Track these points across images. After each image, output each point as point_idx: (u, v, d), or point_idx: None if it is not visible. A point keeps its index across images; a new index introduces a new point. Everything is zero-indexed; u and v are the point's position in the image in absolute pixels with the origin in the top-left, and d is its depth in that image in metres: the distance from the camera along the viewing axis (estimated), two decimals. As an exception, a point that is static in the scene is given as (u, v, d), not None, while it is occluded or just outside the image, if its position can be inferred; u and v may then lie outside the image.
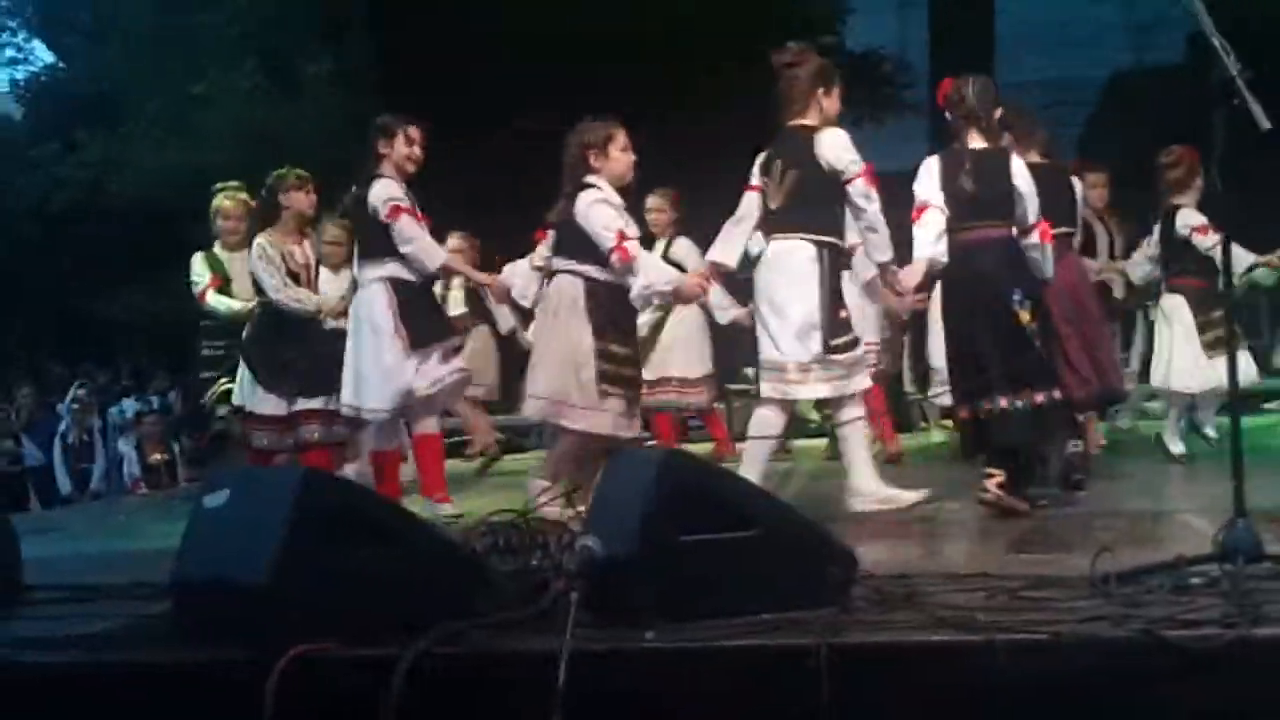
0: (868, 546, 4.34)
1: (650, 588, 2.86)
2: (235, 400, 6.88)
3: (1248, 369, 5.97)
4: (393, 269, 5.79)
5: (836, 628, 2.75)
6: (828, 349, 5.10)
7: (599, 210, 5.28)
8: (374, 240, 5.82)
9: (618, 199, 5.40)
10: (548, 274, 5.57)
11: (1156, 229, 6.61)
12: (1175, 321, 6.49)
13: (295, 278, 6.49)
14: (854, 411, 5.29)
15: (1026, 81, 17.17)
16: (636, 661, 2.77)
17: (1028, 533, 4.69)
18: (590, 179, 5.35)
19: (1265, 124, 2.90)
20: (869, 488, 5.27)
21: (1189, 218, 6.36)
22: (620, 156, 5.43)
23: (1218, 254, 5.44)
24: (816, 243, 5.16)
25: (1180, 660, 2.54)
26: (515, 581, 3.24)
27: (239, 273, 7.00)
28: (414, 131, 5.91)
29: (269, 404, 6.51)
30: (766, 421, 5.26)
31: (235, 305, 6.99)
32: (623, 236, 5.22)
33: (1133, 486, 6.02)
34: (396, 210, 5.71)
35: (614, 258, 5.21)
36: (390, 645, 2.74)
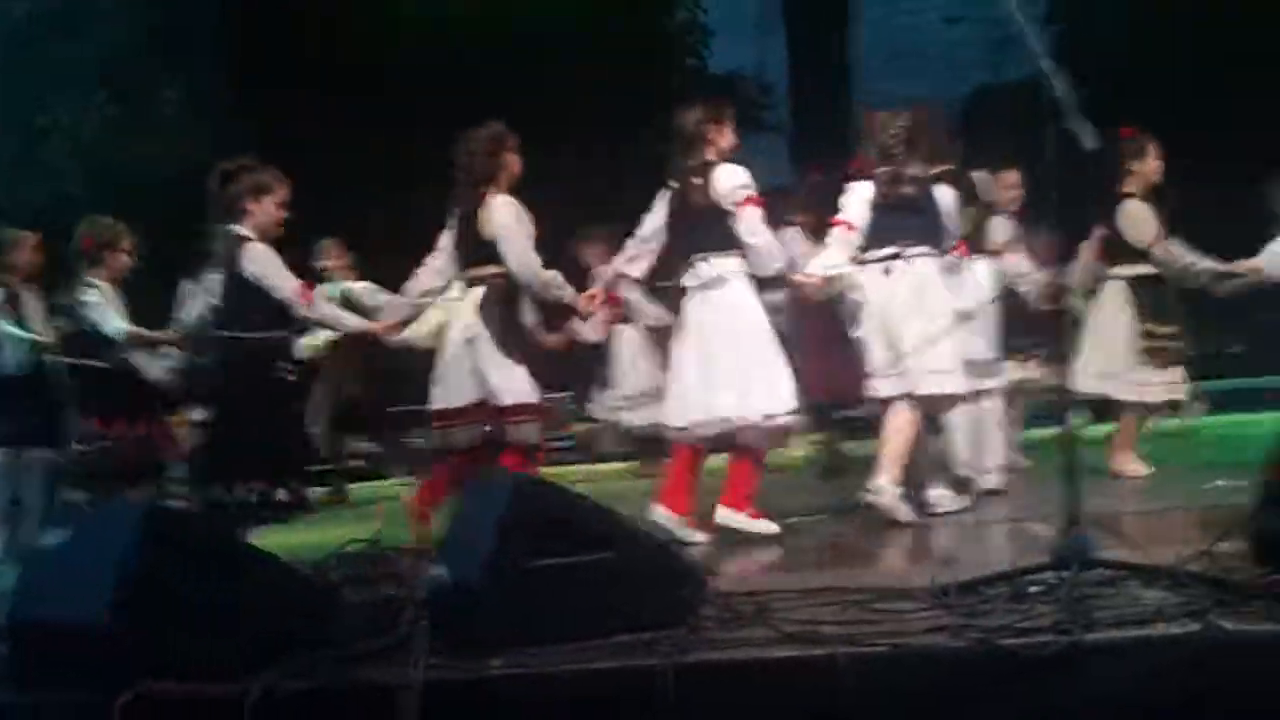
0: (724, 564, 4.43)
1: (499, 614, 2.86)
2: None
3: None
4: None
5: (684, 647, 2.77)
6: None
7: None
8: None
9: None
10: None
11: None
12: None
13: None
14: None
15: (883, 102, 17.57)
16: (485, 689, 2.76)
17: (881, 545, 4.78)
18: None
19: (1090, 143, 3.00)
20: None
21: None
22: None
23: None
24: None
25: (1016, 667, 2.61)
26: (369, 612, 3.22)
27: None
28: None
29: None
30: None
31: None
32: None
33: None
34: None
35: None
36: (239, 680, 2.70)
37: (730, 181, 5.11)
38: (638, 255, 5.41)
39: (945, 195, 5.40)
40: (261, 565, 3.02)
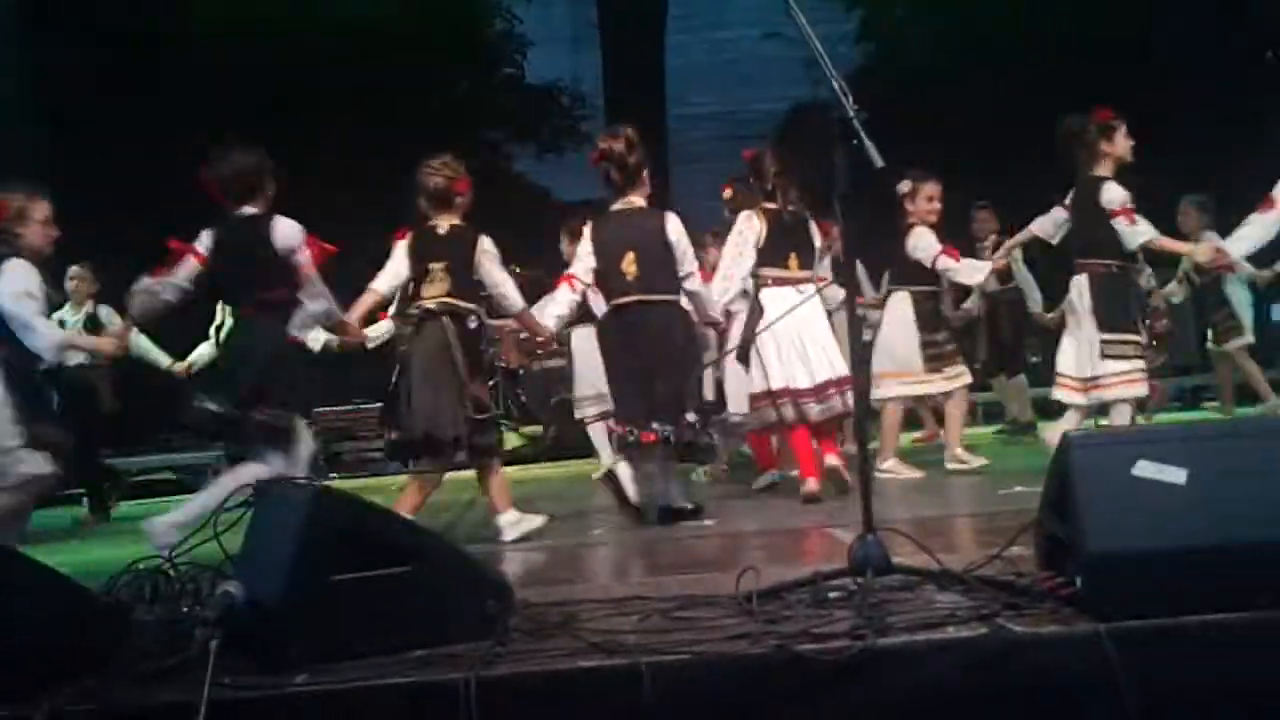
0: (531, 576, 4.42)
1: (298, 631, 2.80)
2: None
3: None
4: None
5: (487, 660, 2.75)
6: None
7: None
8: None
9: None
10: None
11: None
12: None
13: None
14: None
15: (697, 115, 17.82)
16: (286, 707, 2.70)
17: (686, 553, 4.83)
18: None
19: (879, 162, 3.08)
20: None
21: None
22: None
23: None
24: None
25: (812, 673, 2.66)
26: (161, 631, 3.11)
27: None
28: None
29: None
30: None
31: None
32: None
33: (789, 504, 6.30)
34: None
35: None
36: (21, 704, 2.59)
37: None
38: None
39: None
40: (44, 583, 2.90)
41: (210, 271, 5.38)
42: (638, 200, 5.89)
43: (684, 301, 5.94)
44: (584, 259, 5.89)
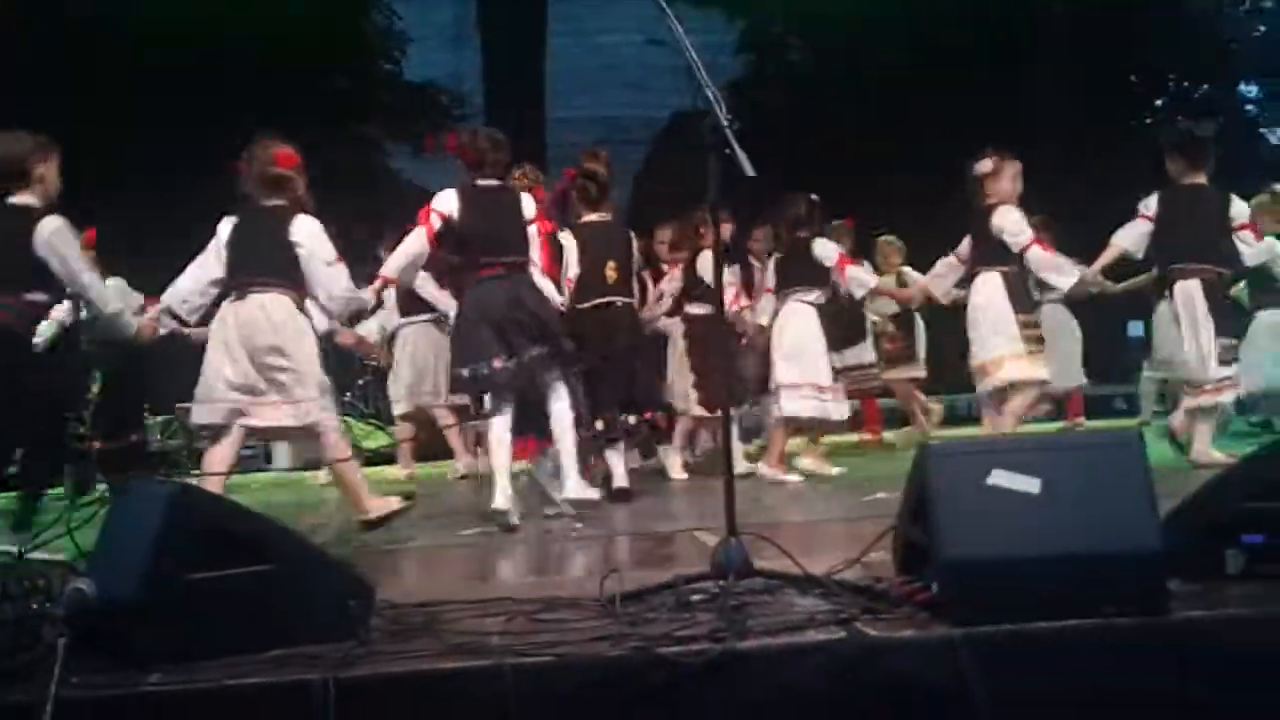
0: (399, 575, 4.38)
1: (154, 629, 2.74)
2: None
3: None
4: None
5: (347, 660, 2.72)
6: None
7: None
8: None
9: None
10: None
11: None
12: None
13: None
14: None
15: (577, 119, 17.84)
16: (139, 707, 2.64)
17: (552, 554, 4.83)
18: None
19: (750, 171, 3.12)
20: None
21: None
22: None
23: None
24: None
25: (674, 674, 2.67)
26: (10, 630, 3.01)
27: None
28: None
29: None
30: None
31: None
32: None
33: (657, 506, 6.35)
34: None
35: None
36: None
37: None
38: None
39: None
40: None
41: None
42: (608, 214, 6.96)
43: None
44: (572, 265, 6.67)
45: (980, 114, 13.82)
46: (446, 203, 5.77)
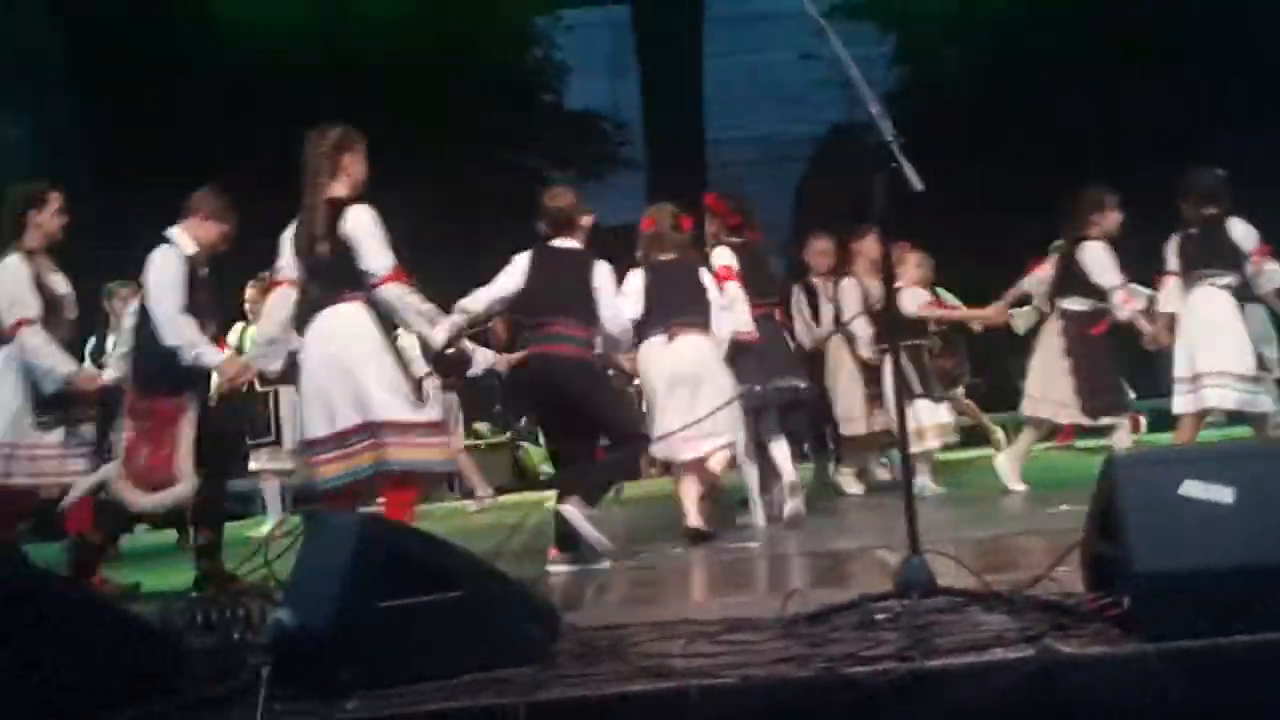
0: (576, 600, 4.43)
1: (349, 657, 2.83)
2: None
3: None
4: None
5: (537, 685, 2.77)
6: None
7: None
8: None
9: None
10: None
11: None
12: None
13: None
14: None
15: (734, 139, 17.85)
16: (338, 733, 2.73)
17: (731, 575, 4.83)
18: None
19: (919, 185, 3.09)
20: None
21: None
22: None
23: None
24: None
25: (860, 695, 2.66)
26: (214, 658, 3.15)
27: None
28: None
29: None
30: None
31: None
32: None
33: (835, 524, 6.30)
34: None
35: None
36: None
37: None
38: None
39: None
40: (97, 610, 2.94)
41: None
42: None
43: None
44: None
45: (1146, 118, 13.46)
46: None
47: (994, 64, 16.62)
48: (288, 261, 5.19)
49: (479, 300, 5.64)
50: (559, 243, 5.67)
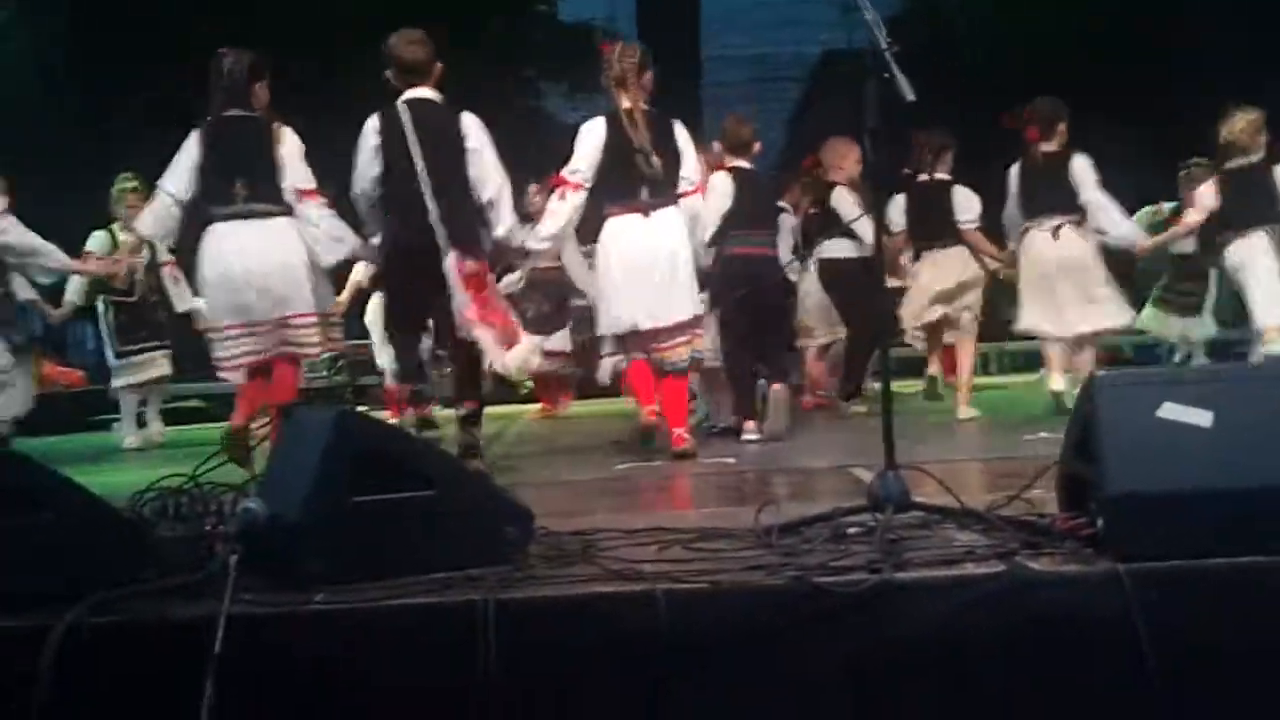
0: (551, 507, 4.44)
1: (319, 549, 2.82)
2: None
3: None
4: None
5: (506, 583, 2.76)
6: None
7: None
8: None
9: None
10: None
11: None
12: None
13: None
14: None
15: (732, 57, 17.69)
16: (305, 624, 2.72)
17: (711, 488, 4.84)
18: None
19: (910, 96, 3.05)
20: None
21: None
22: None
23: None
24: None
25: (829, 604, 2.66)
26: (184, 548, 3.13)
27: None
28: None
29: None
30: None
31: None
32: None
33: (813, 441, 6.31)
34: None
35: None
36: (40, 616, 2.62)
37: None
38: None
39: None
40: (67, 496, 2.91)
41: None
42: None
43: None
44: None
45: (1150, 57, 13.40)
46: None
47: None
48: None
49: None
50: (742, 163, 6.82)
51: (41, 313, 8.31)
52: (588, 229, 6.20)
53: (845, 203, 7.57)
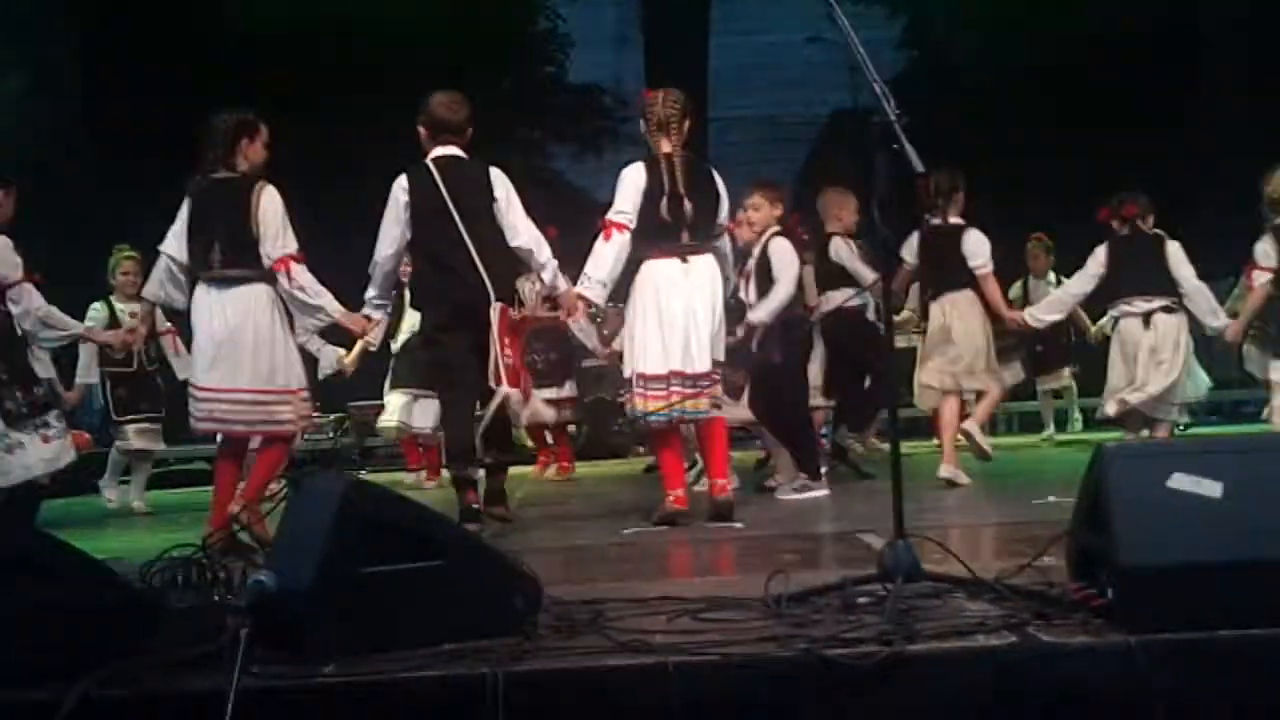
0: (560, 574, 4.43)
1: (328, 621, 2.82)
2: None
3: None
4: None
5: (515, 655, 2.75)
6: None
7: None
8: None
9: None
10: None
11: None
12: None
13: None
14: None
15: (741, 118, 17.78)
16: (315, 697, 2.71)
17: (717, 555, 4.82)
18: None
19: (919, 167, 3.07)
20: None
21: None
22: None
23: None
24: None
25: (840, 677, 2.64)
26: (192, 619, 3.13)
27: None
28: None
29: None
30: None
31: None
32: None
33: (824, 507, 6.29)
34: None
35: None
36: (51, 689, 2.61)
37: None
38: None
39: None
40: (76, 568, 2.91)
41: None
42: None
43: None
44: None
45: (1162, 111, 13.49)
46: None
47: (1003, 50, 16.57)
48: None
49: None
50: None
51: (57, 393, 8.29)
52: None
53: (844, 252, 7.60)
